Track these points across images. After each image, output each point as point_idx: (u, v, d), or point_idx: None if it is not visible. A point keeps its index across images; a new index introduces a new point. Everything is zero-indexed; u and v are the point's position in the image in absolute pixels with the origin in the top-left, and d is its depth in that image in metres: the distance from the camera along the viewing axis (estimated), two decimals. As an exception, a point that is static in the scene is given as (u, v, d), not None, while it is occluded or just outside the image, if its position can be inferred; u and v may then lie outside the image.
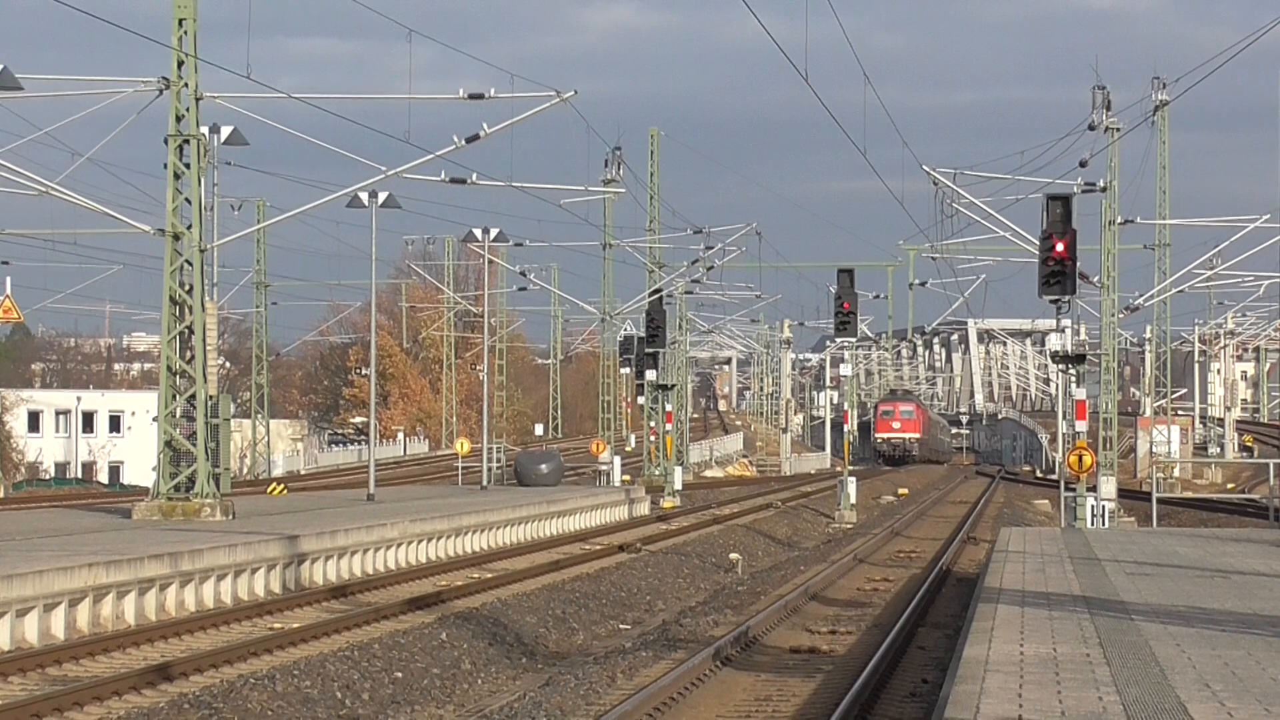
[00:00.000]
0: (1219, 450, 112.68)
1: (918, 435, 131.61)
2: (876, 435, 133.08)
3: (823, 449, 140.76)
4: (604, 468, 72.20)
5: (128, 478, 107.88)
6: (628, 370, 78.20)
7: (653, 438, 76.61)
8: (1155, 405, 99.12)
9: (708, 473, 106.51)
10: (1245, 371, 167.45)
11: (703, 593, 37.58)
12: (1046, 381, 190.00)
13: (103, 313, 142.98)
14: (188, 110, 39.42)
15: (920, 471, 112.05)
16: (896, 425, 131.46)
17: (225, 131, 52.11)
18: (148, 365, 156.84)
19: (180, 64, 39.19)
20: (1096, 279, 57.75)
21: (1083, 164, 53.17)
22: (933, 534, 54.44)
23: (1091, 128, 54.38)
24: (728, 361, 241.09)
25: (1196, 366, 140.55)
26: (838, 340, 69.47)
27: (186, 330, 39.70)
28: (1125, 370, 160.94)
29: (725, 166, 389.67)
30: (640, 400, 77.68)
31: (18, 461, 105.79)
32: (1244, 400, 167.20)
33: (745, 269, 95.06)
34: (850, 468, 66.22)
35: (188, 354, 39.78)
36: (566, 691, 21.81)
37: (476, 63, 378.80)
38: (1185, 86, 64.41)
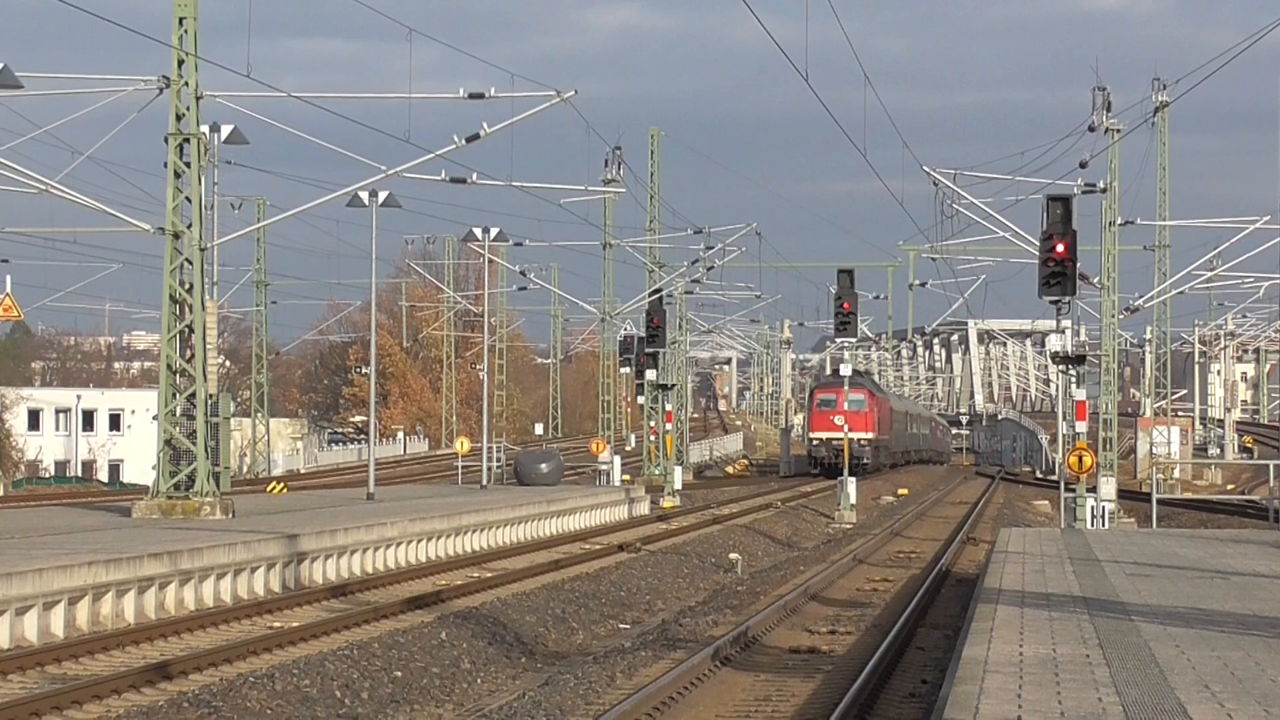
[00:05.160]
0: (1219, 451, 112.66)
1: (870, 435, 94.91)
2: (810, 435, 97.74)
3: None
4: (604, 467, 72.20)
5: (127, 476, 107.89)
6: (628, 370, 78.18)
7: (652, 437, 76.61)
8: (1155, 406, 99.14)
9: (707, 473, 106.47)
10: (1245, 373, 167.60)
11: (702, 593, 37.57)
12: (1046, 382, 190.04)
13: (102, 311, 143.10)
14: (188, 109, 39.42)
15: (920, 472, 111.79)
16: (839, 420, 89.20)
17: (225, 130, 52.11)
18: (148, 364, 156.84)
19: (180, 63, 39.19)
20: (1097, 280, 57.73)
21: (1083, 165, 53.23)
22: (932, 534, 54.43)
23: (1092, 129, 54.36)
24: (728, 361, 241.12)
25: (1196, 368, 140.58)
26: (838, 340, 69.64)
27: (186, 329, 39.70)
28: (1125, 371, 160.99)
29: (725, 166, 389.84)
30: (640, 400, 77.69)
31: (17, 460, 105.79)
32: (1244, 401, 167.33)
33: (745, 269, 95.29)
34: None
35: (188, 352, 39.78)
36: (566, 691, 21.81)
37: (477, 63, 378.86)
38: (1185, 88, 64.66)
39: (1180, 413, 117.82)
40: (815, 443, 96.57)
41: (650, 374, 72.35)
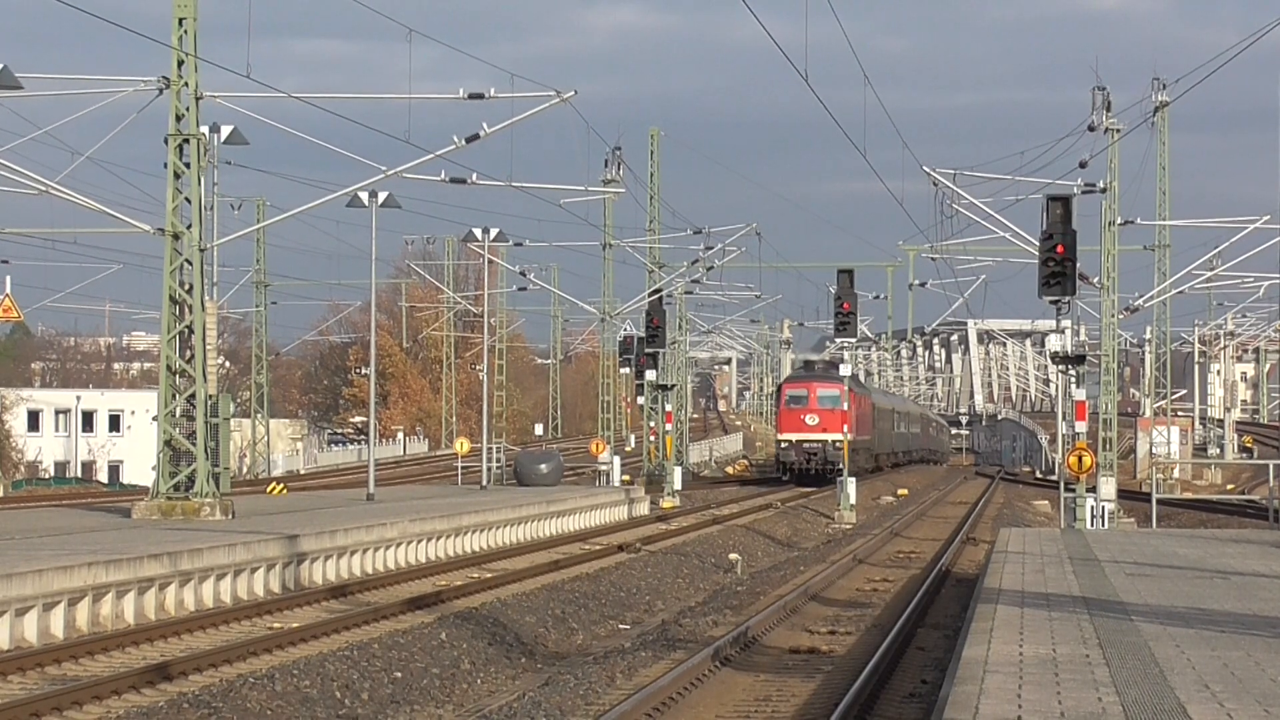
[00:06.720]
0: (1218, 451, 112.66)
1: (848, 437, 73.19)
2: (779, 436, 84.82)
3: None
4: (603, 468, 72.19)
5: (127, 477, 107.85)
6: (628, 370, 78.13)
7: (652, 438, 76.59)
8: (1155, 406, 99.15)
9: (706, 473, 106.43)
10: (1245, 372, 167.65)
11: (702, 593, 37.57)
12: (1046, 382, 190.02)
13: (102, 312, 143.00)
14: (188, 110, 39.43)
15: (920, 472, 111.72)
16: (812, 420, 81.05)
17: (225, 131, 52.09)
18: (147, 364, 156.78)
19: (180, 63, 39.20)
20: (1096, 280, 57.73)
21: (1083, 165, 53.24)
22: (932, 534, 54.44)
23: (1091, 129, 54.35)
24: (728, 362, 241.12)
25: (1196, 367, 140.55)
26: (838, 341, 69.37)
27: (186, 329, 39.70)
28: (1125, 371, 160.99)
29: (725, 166, 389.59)
30: (640, 400, 77.66)
31: (17, 460, 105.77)
32: (1244, 401, 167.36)
33: (745, 269, 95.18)
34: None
35: (187, 353, 39.78)
36: (566, 691, 21.81)
37: (477, 63, 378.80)
38: (1185, 88, 64.74)
39: (1180, 413, 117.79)
40: (784, 445, 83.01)
41: (650, 374, 72.31)
